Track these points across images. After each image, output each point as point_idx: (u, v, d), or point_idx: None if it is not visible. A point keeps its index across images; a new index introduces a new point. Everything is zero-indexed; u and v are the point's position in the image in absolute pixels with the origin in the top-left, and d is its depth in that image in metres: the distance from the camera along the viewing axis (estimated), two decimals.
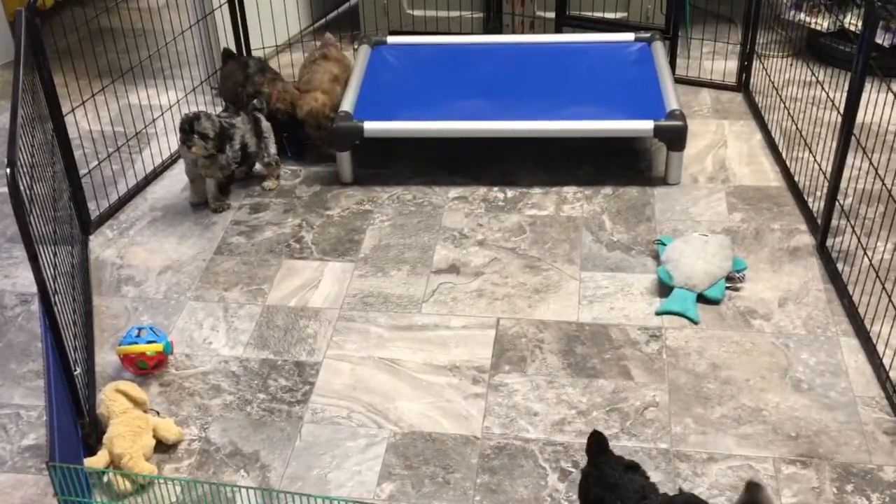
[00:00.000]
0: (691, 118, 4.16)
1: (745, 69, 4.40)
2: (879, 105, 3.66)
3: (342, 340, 3.13)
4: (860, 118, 3.16)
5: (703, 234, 3.34)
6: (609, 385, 2.90)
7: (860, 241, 3.25)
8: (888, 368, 2.85)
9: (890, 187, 3.11)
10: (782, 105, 4.07)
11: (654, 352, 3.01)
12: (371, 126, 3.81)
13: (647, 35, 4.35)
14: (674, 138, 3.72)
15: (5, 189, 2.42)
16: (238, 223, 3.73)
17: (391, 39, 4.50)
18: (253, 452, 2.75)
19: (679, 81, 4.36)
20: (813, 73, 4.02)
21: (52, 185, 3.15)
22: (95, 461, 2.68)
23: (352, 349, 3.09)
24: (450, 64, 4.29)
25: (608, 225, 3.60)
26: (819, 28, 4.53)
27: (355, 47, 4.60)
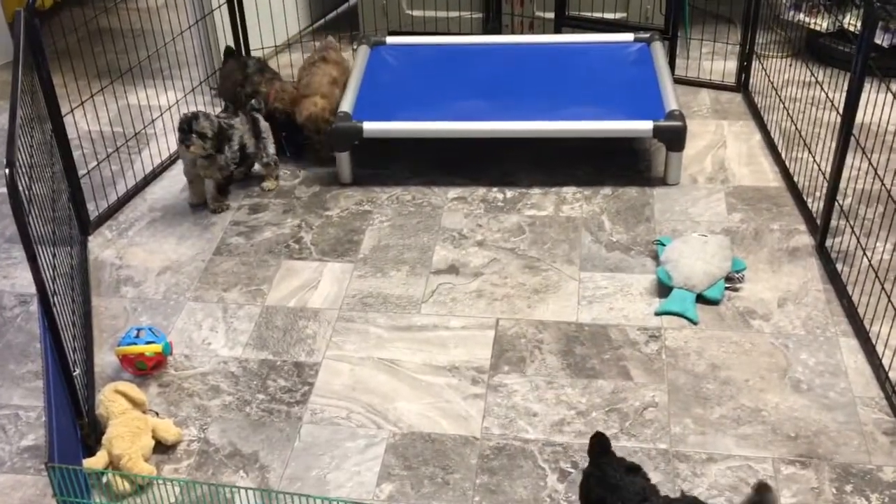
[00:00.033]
0: (690, 118, 4.16)
1: (745, 69, 4.40)
2: (878, 105, 3.66)
3: (341, 341, 3.12)
4: (859, 118, 3.16)
5: (703, 235, 3.34)
6: (608, 385, 2.90)
7: (859, 242, 3.25)
8: (887, 369, 2.85)
9: (889, 187, 3.11)
10: (781, 105, 4.07)
11: (654, 352, 3.01)
12: (370, 126, 3.81)
13: (647, 35, 4.34)
14: (673, 139, 3.72)
15: (4, 189, 2.42)
16: (237, 224, 3.73)
17: (390, 40, 4.50)
18: (252, 453, 2.75)
19: (678, 82, 4.36)
20: (812, 74, 4.02)
21: (51, 186, 3.15)
22: (94, 462, 2.67)
23: (351, 350, 3.09)
24: (449, 64, 4.29)
25: (607, 225, 3.60)
26: (818, 28, 4.53)
27: (354, 48, 4.60)
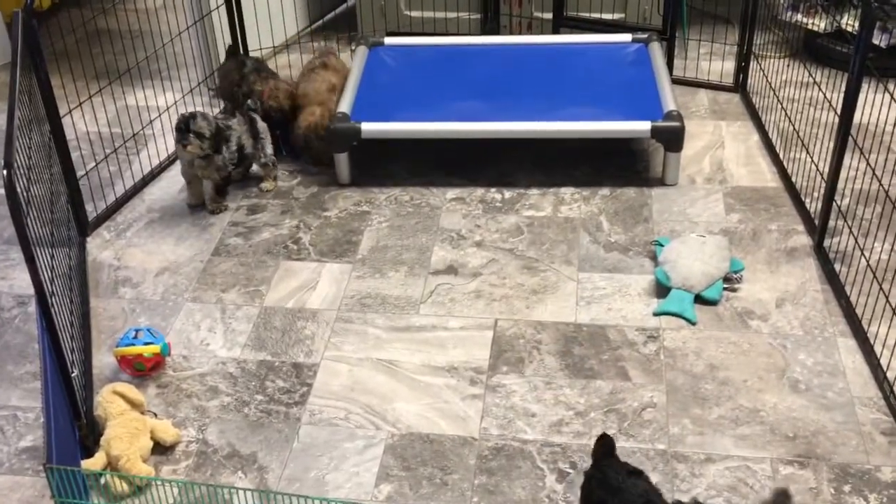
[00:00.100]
0: (688, 119, 4.16)
1: (743, 70, 4.41)
2: (876, 106, 3.66)
3: (340, 342, 3.12)
4: (857, 119, 3.17)
5: (701, 235, 3.34)
6: (607, 386, 2.90)
7: (857, 242, 3.25)
8: (885, 369, 2.85)
9: (887, 188, 3.12)
10: (779, 106, 4.07)
11: (652, 353, 3.01)
12: (368, 127, 3.81)
13: (645, 36, 4.35)
14: (671, 139, 3.72)
15: (2, 191, 2.41)
16: (235, 224, 3.73)
17: (389, 40, 4.50)
18: (250, 454, 2.75)
19: (676, 82, 4.37)
20: (810, 74, 4.02)
21: (50, 187, 3.15)
22: (93, 463, 2.67)
23: (349, 350, 3.09)
24: (447, 65, 4.29)
25: (606, 226, 3.60)
26: (816, 29, 4.53)
27: (353, 48, 4.60)
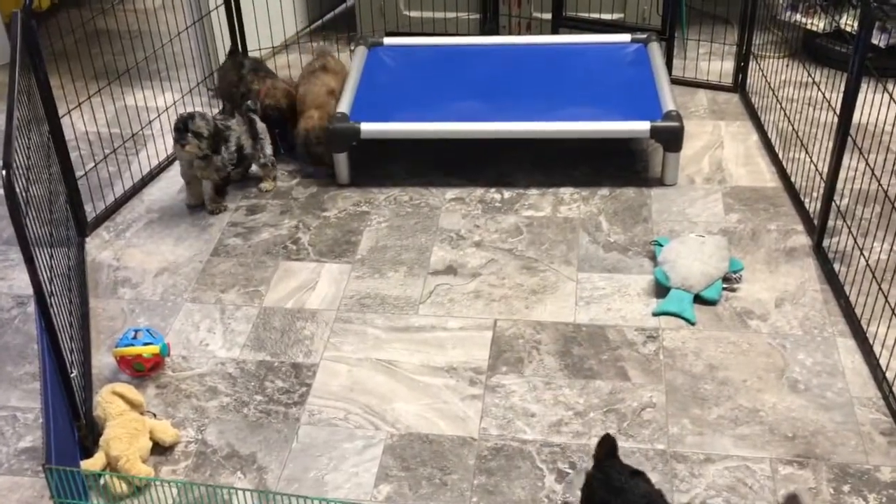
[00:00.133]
0: (688, 119, 4.16)
1: (742, 70, 4.41)
2: (875, 106, 3.66)
3: (339, 342, 3.12)
4: (856, 119, 3.17)
5: (700, 235, 3.34)
6: (606, 386, 2.90)
7: (857, 242, 3.25)
8: (885, 369, 2.85)
9: (886, 188, 3.12)
10: (779, 106, 4.07)
11: (651, 353, 3.01)
12: (367, 127, 3.81)
13: (644, 36, 4.35)
14: (670, 139, 3.72)
15: (1, 191, 2.41)
16: (235, 225, 3.73)
17: (388, 41, 4.50)
18: (250, 454, 2.75)
19: (675, 82, 4.37)
20: (809, 74, 4.03)
21: (49, 188, 3.15)
22: (92, 463, 2.67)
23: (349, 351, 3.09)
24: (446, 65, 4.29)
25: (605, 226, 3.60)
26: (815, 29, 4.53)
27: (352, 48, 4.60)
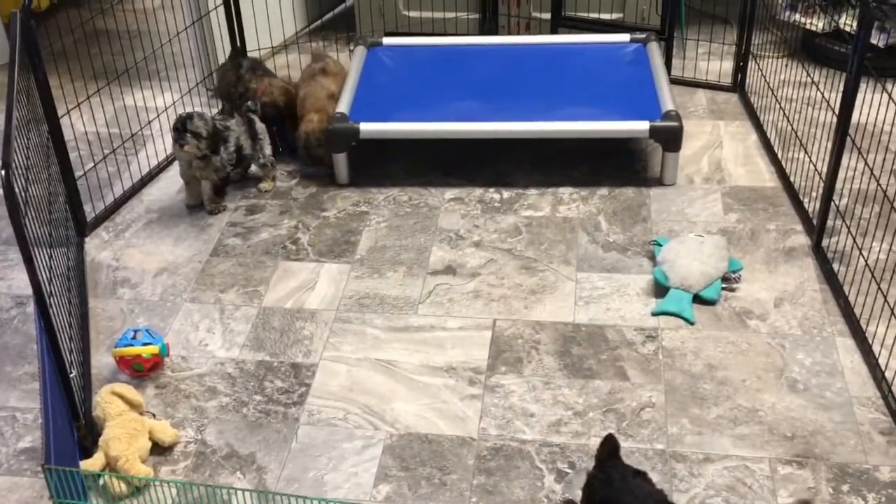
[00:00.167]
0: (687, 119, 4.16)
1: (741, 70, 4.41)
2: (874, 105, 3.66)
3: (338, 342, 3.12)
4: (855, 118, 3.17)
5: (699, 235, 3.34)
6: (605, 386, 2.90)
7: (856, 242, 3.25)
8: (884, 369, 2.85)
9: (885, 188, 3.12)
10: (778, 106, 4.08)
11: (651, 352, 3.02)
12: (367, 127, 3.81)
13: (643, 36, 4.35)
14: (669, 139, 3.72)
15: (0, 191, 2.41)
16: (234, 225, 3.73)
17: (387, 41, 4.50)
18: (249, 454, 2.75)
19: (674, 82, 4.37)
20: (808, 74, 4.03)
21: (48, 188, 3.15)
22: (91, 464, 2.67)
23: (348, 351, 3.09)
24: (445, 65, 4.29)
25: (604, 226, 3.60)
26: (814, 29, 4.54)
27: (351, 48, 4.60)
